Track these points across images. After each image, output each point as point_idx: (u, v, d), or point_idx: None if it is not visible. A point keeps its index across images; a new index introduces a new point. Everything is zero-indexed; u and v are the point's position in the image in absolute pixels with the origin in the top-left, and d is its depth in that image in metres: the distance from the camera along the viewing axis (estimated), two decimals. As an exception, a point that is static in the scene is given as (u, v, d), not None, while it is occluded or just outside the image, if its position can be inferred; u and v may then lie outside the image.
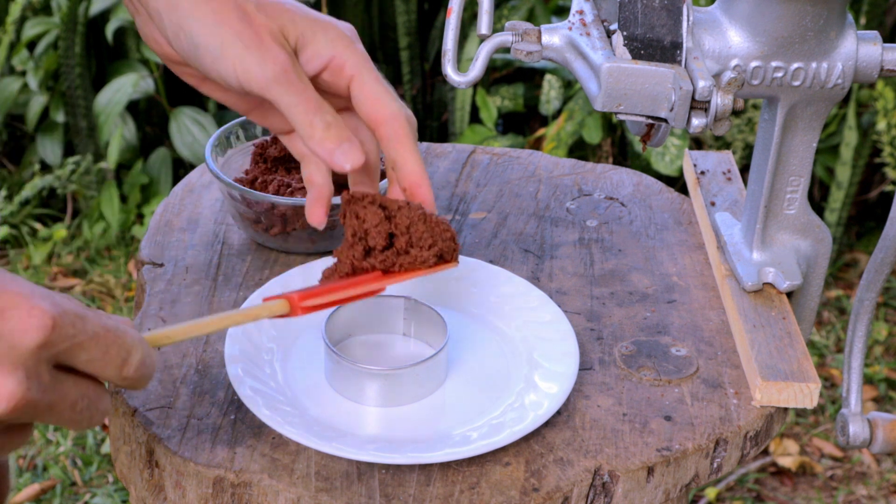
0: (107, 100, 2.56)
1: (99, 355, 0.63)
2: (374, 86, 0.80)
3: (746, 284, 0.95)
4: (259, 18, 0.78)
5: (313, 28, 0.80)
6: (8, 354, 0.59)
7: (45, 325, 0.59)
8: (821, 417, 2.18)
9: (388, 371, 0.84)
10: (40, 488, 1.95)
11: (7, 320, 0.59)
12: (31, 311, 0.59)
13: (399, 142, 0.80)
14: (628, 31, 0.84)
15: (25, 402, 0.60)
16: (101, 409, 0.65)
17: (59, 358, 0.62)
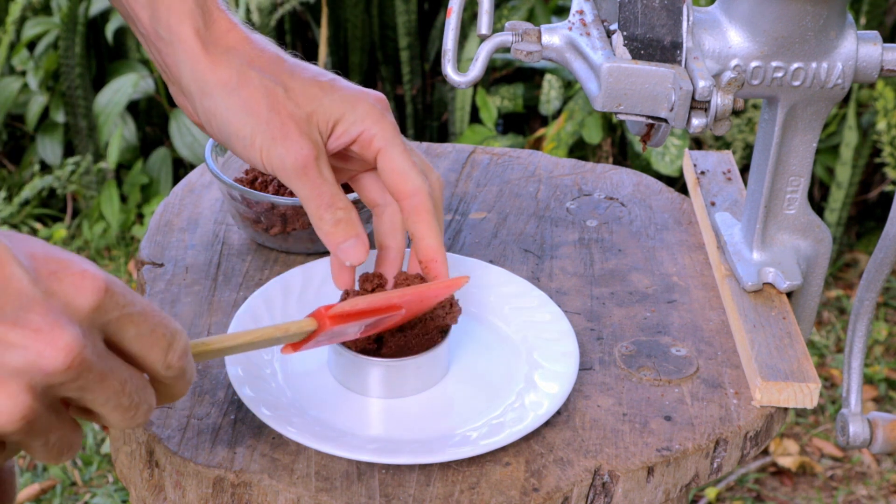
0: (107, 100, 2.56)
1: (147, 331, 0.62)
2: (400, 160, 0.82)
3: (746, 284, 0.95)
4: (288, 107, 0.81)
5: (342, 108, 0.82)
6: (64, 311, 0.58)
7: (98, 288, 0.59)
8: (821, 417, 2.18)
9: (391, 361, 0.84)
10: (40, 488, 1.95)
11: (61, 281, 0.58)
12: (84, 273, 0.59)
13: (419, 216, 0.83)
14: (628, 31, 0.84)
15: (82, 360, 0.58)
16: (148, 400, 0.63)
17: (109, 328, 0.60)
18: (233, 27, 0.84)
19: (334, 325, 0.76)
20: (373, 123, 0.82)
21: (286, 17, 2.59)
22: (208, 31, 0.83)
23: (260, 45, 0.84)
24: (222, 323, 0.92)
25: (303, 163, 0.80)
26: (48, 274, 0.58)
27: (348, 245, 0.82)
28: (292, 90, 0.82)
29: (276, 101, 0.81)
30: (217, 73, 0.82)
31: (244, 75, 0.82)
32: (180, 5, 0.82)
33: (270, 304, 0.91)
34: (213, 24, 0.83)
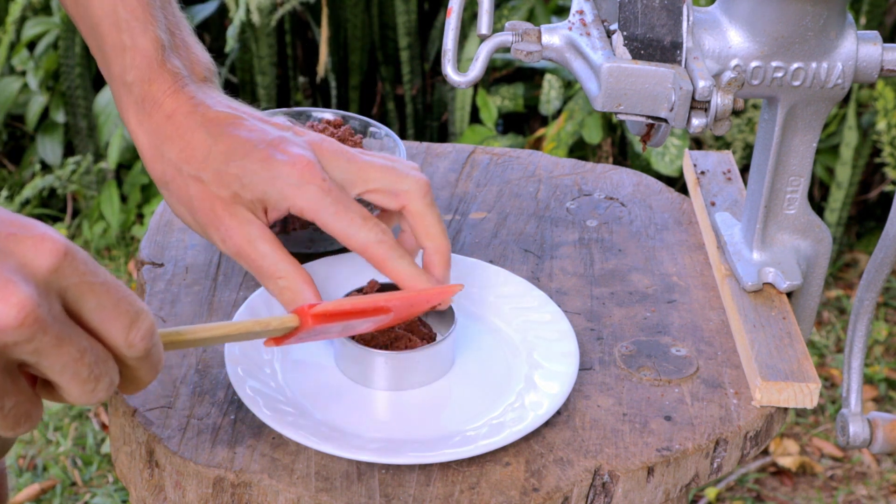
0: (107, 100, 2.56)
1: (109, 304, 0.61)
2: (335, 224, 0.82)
3: (746, 284, 0.95)
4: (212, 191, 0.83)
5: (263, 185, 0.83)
6: (20, 270, 0.57)
7: (57, 251, 0.58)
8: (821, 417, 2.18)
9: (396, 353, 0.84)
10: (40, 488, 1.95)
11: (19, 242, 0.58)
12: (43, 237, 0.58)
13: (383, 267, 0.83)
14: (628, 31, 0.84)
15: (35, 318, 0.57)
16: (110, 375, 0.62)
17: (68, 295, 0.59)
18: (173, 111, 0.86)
19: (316, 324, 0.76)
20: (295, 197, 0.82)
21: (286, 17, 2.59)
22: (149, 121, 0.86)
23: (193, 128, 0.85)
24: (222, 323, 0.91)
25: (233, 244, 0.83)
26: (6, 235, 0.57)
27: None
28: (214, 175, 0.83)
29: (202, 189, 0.84)
30: (155, 168, 0.87)
31: (174, 169, 0.85)
32: (127, 97, 0.87)
33: (270, 304, 0.91)
34: (155, 112, 0.86)
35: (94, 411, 2.11)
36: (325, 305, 0.77)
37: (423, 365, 0.85)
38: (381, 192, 0.85)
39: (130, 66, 0.87)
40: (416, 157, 1.15)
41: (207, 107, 0.87)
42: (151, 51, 0.87)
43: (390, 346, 0.86)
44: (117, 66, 0.88)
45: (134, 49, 0.87)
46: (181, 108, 0.86)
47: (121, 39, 0.87)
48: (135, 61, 0.87)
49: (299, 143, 0.84)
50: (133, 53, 0.87)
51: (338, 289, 0.92)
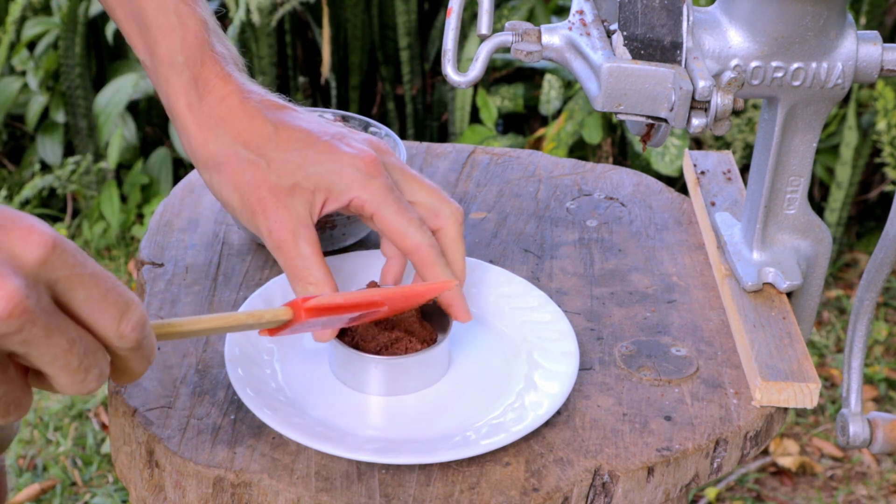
0: (107, 100, 2.56)
1: (98, 296, 0.61)
2: (393, 220, 0.83)
3: (746, 284, 0.95)
4: (270, 180, 0.83)
5: (328, 178, 0.83)
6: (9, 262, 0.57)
7: (45, 243, 0.58)
8: (821, 417, 2.18)
9: (391, 359, 0.84)
10: (40, 488, 1.95)
11: (7, 234, 0.58)
12: (31, 229, 0.58)
13: (427, 269, 0.84)
14: (628, 31, 0.84)
15: (24, 309, 0.57)
16: (100, 366, 0.62)
17: (57, 287, 0.59)
18: (227, 94, 0.86)
19: (309, 317, 0.76)
20: (360, 191, 0.83)
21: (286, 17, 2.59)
22: (201, 103, 0.85)
23: (251, 111, 0.85)
24: (222, 323, 0.92)
25: (277, 237, 0.82)
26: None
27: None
28: (275, 162, 0.83)
29: (258, 174, 0.83)
30: (206, 149, 0.85)
31: (230, 151, 0.84)
32: (177, 79, 0.86)
33: (270, 304, 0.91)
34: (207, 94, 0.86)
35: (94, 411, 2.11)
36: (319, 300, 0.77)
37: (416, 370, 0.85)
38: (423, 208, 0.86)
39: (181, 47, 0.85)
40: (416, 157, 1.15)
41: (259, 94, 0.87)
42: (202, 32, 0.86)
43: (389, 347, 0.85)
44: (165, 46, 0.86)
45: (184, 29, 0.86)
46: (234, 92, 0.86)
47: (169, 20, 0.86)
48: (186, 42, 0.85)
49: (360, 139, 0.86)
50: (184, 34, 0.85)
51: (338, 288, 0.92)
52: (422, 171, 1.13)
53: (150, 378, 0.86)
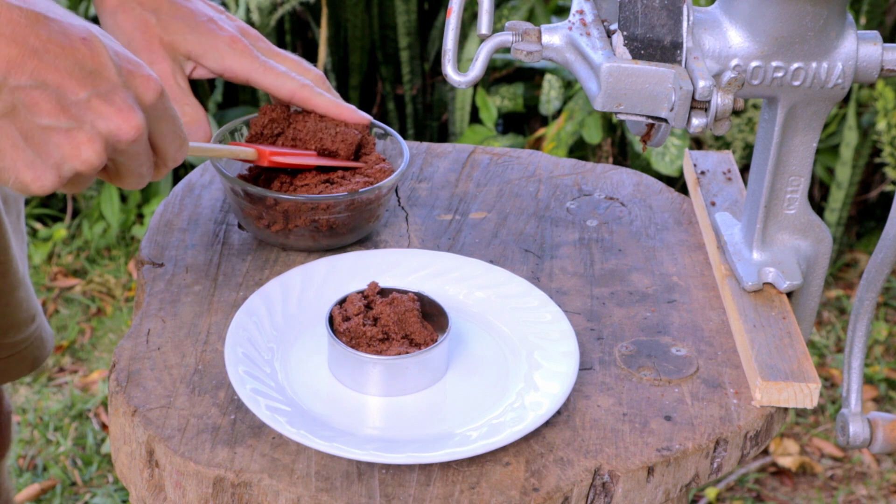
0: (107, 100, 2.55)
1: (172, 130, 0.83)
2: (265, 80, 1.03)
3: (746, 284, 0.95)
4: (155, 30, 1.02)
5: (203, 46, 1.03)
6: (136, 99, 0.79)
7: (157, 90, 0.80)
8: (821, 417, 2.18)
9: (389, 359, 0.84)
10: (40, 488, 1.95)
11: (135, 77, 0.79)
12: (149, 77, 0.80)
13: (309, 103, 1.03)
14: (628, 31, 0.84)
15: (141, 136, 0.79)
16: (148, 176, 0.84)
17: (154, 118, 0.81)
18: None
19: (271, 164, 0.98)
20: (232, 62, 1.02)
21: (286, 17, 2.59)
22: None
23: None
24: (222, 323, 0.92)
25: (160, 73, 1.01)
26: (127, 71, 0.79)
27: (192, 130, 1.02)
28: (163, 20, 1.02)
29: (147, 25, 1.01)
30: (105, 1, 1.02)
31: (124, 4, 1.02)
32: None
33: (270, 303, 0.91)
34: None
35: (94, 411, 2.12)
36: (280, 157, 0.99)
37: (415, 370, 0.85)
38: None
39: None
40: (416, 157, 1.15)
41: None
42: None
43: (383, 353, 0.85)
44: None
45: None
46: None
47: None
48: None
49: (231, 25, 1.05)
50: None
51: (338, 288, 0.92)
52: (422, 170, 1.13)
53: (150, 378, 0.86)
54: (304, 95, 1.03)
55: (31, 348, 1.20)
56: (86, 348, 2.26)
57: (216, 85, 2.59)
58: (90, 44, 0.77)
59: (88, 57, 0.77)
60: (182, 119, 0.97)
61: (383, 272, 0.95)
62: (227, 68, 1.03)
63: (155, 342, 0.89)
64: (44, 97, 0.76)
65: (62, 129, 0.77)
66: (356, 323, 0.86)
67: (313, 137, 1.03)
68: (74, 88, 0.76)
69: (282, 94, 1.03)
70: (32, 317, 1.20)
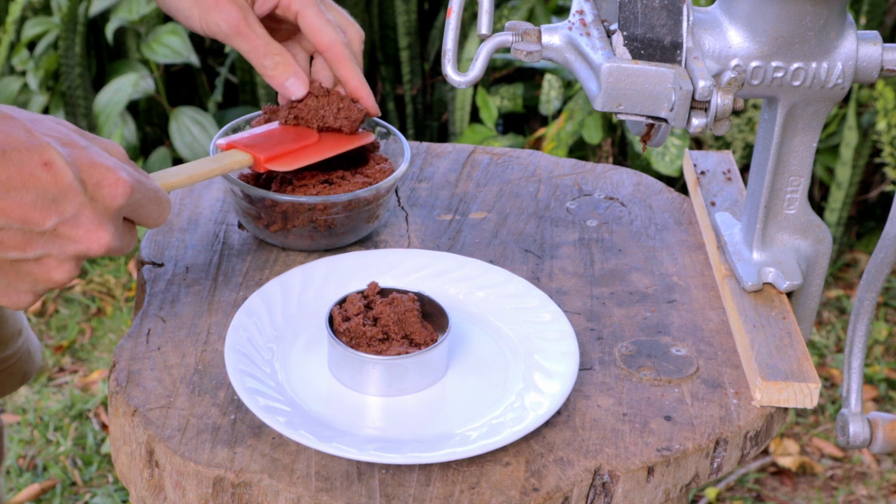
0: (107, 100, 2.56)
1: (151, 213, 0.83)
2: (314, 19, 1.00)
3: (746, 284, 0.95)
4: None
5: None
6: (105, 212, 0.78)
7: (126, 193, 0.79)
8: (821, 417, 2.18)
9: (389, 359, 0.84)
10: (40, 488, 1.95)
11: (101, 189, 0.78)
12: (116, 182, 0.78)
13: (339, 64, 1.00)
14: (628, 31, 0.84)
15: (109, 248, 0.79)
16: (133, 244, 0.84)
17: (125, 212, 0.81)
18: None
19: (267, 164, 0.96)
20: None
21: (286, 17, 2.59)
22: None
23: None
24: (222, 323, 0.92)
25: (235, 24, 0.98)
26: (93, 184, 0.78)
27: (290, 83, 0.99)
28: None
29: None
30: None
31: None
32: None
33: (270, 303, 0.91)
34: None
35: (94, 411, 2.12)
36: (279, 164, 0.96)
37: (414, 371, 0.85)
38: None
39: None
40: (417, 157, 1.15)
41: None
42: None
43: (383, 353, 0.85)
44: None
45: None
46: None
47: None
48: None
49: None
50: None
51: (338, 288, 0.92)
52: (422, 170, 1.13)
53: (150, 378, 0.86)
54: (339, 54, 1.00)
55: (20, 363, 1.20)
56: (86, 348, 2.26)
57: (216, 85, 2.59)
58: (52, 168, 0.76)
59: (51, 183, 0.76)
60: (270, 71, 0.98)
61: (383, 272, 0.95)
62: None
63: (155, 342, 0.89)
64: (9, 235, 0.76)
65: (31, 259, 0.77)
66: (356, 323, 0.86)
67: (314, 115, 1.00)
68: (39, 220, 0.76)
69: (321, 41, 1.00)
70: (19, 331, 1.19)
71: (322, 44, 1.00)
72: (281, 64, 0.99)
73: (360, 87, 1.01)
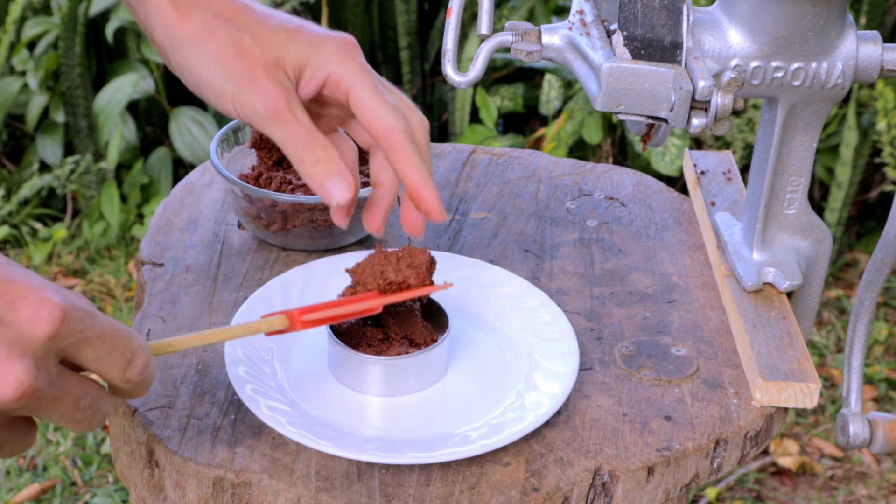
0: (107, 100, 2.56)
1: (105, 353, 0.64)
2: (368, 99, 0.81)
3: (746, 284, 0.95)
4: (254, 53, 0.81)
5: (308, 50, 0.82)
6: (18, 342, 0.59)
7: (54, 318, 0.60)
8: (821, 417, 2.18)
9: (389, 359, 0.84)
10: (40, 488, 1.95)
11: (17, 310, 0.60)
12: (41, 302, 0.60)
13: (397, 154, 0.81)
14: (628, 31, 0.84)
15: (32, 391, 0.60)
16: (103, 410, 0.67)
17: (66, 352, 0.62)
18: None
19: (304, 328, 0.79)
20: (338, 65, 0.81)
21: (286, 17, 2.59)
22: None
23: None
24: (222, 323, 0.92)
25: (274, 106, 0.80)
26: (6, 303, 0.59)
27: (331, 184, 0.80)
28: (259, 36, 0.81)
29: (243, 48, 0.81)
30: (185, 27, 0.82)
31: (211, 26, 0.82)
32: None
33: (270, 304, 0.91)
34: None
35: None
36: (315, 314, 0.79)
37: (414, 371, 0.85)
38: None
39: None
40: (416, 157, 1.15)
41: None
42: None
43: (384, 353, 0.85)
44: None
45: None
46: None
47: None
48: None
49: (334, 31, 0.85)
50: None
51: (338, 288, 0.92)
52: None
53: (150, 378, 0.86)
54: (397, 142, 0.81)
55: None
56: (86, 348, 2.25)
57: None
58: None
59: None
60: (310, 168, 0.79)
61: (383, 272, 0.95)
62: (332, 72, 0.81)
63: (155, 342, 0.89)
64: None
65: None
66: (356, 323, 0.86)
67: (373, 275, 0.84)
68: None
69: (376, 127, 0.81)
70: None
71: (378, 129, 0.81)
72: (323, 160, 0.80)
73: (422, 184, 0.81)
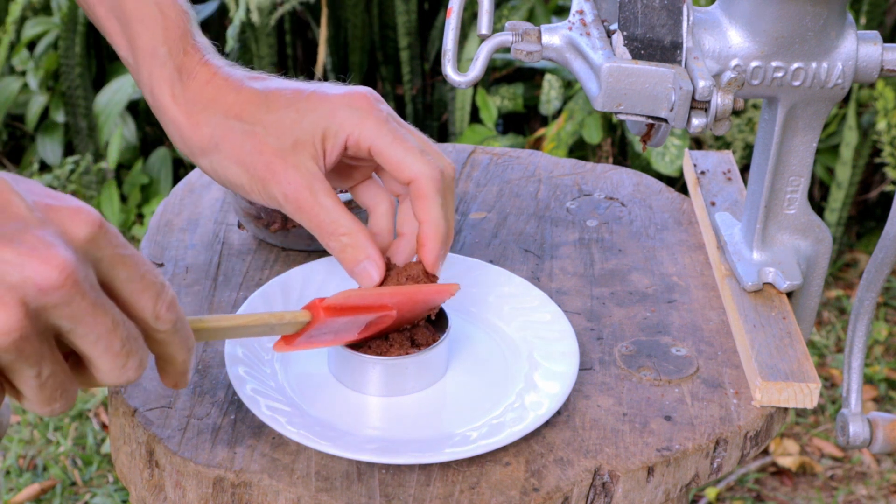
0: (107, 100, 2.56)
1: (137, 276, 0.62)
2: (393, 150, 0.82)
3: (746, 284, 0.95)
4: (271, 144, 0.82)
5: (322, 122, 0.82)
6: (59, 235, 0.59)
7: (93, 222, 0.60)
8: (821, 417, 2.18)
9: (389, 359, 0.84)
10: (40, 488, 1.95)
11: (58, 212, 0.60)
12: (79, 209, 0.60)
13: (418, 200, 0.83)
14: (628, 31, 0.84)
15: (75, 280, 0.58)
16: (140, 353, 0.63)
17: (101, 266, 0.61)
18: (210, 76, 0.86)
19: (328, 317, 0.78)
20: (354, 127, 0.82)
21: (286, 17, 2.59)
22: (186, 91, 0.85)
23: (236, 85, 0.85)
24: (222, 323, 0.91)
25: (295, 198, 0.82)
26: (45, 206, 0.59)
27: (360, 269, 0.82)
28: (271, 125, 0.83)
29: (259, 142, 0.83)
30: (200, 134, 0.84)
31: (225, 128, 0.84)
32: (160, 71, 0.86)
33: (270, 304, 0.91)
34: (191, 81, 0.86)
35: (94, 411, 2.11)
36: (335, 299, 0.78)
37: (414, 371, 0.85)
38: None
39: (163, 38, 0.85)
40: (416, 157, 1.15)
41: (240, 70, 0.87)
42: (183, 22, 0.86)
43: (384, 354, 0.85)
44: (147, 37, 0.86)
45: (165, 20, 0.86)
46: (217, 74, 0.86)
47: (150, 11, 0.86)
48: (168, 32, 0.86)
49: (345, 87, 0.85)
50: (165, 24, 0.86)
51: (338, 288, 0.92)
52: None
53: (150, 378, 0.86)
54: (421, 188, 0.82)
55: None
56: (86, 348, 2.26)
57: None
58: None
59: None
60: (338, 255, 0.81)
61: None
62: (350, 135, 0.82)
63: (155, 342, 0.89)
64: None
65: None
66: None
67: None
68: None
69: (403, 175, 0.82)
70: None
71: (405, 178, 0.82)
72: (349, 246, 0.81)
73: (432, 234, 0.83)
